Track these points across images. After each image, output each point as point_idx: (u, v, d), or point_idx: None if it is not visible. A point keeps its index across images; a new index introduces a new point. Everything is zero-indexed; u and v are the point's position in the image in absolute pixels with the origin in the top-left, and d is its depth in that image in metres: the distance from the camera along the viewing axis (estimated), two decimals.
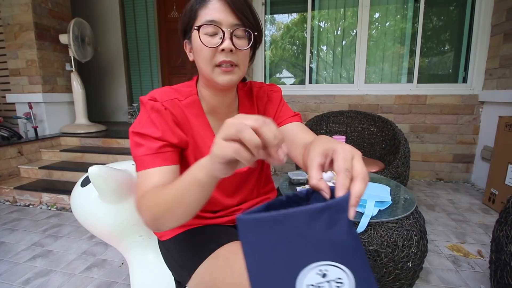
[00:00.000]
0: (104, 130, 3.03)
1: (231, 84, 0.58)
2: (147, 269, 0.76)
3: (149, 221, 0.49)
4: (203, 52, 0.55)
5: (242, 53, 0.57)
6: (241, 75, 0.59)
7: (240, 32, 0.56)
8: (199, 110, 0.64)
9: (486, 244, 1.50)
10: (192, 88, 0.65)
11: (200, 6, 0.55)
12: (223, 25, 0.54)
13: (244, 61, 0.58)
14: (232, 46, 0.54)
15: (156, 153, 0.54)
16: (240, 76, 0.59)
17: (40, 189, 2.14)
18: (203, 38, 0.55)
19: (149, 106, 0.58)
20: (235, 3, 0.54)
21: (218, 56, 0.55)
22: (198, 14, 0.56)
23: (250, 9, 0.57)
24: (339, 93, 2.71)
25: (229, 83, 0.57)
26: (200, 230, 0.67)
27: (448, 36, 2.62)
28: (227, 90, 0.62)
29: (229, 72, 0.56)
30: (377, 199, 0.97)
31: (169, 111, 0.59)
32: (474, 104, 2.45)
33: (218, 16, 0.54)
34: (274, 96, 0.72)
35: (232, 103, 0.68)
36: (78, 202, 0.76)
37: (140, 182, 0.54)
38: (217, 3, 0.54)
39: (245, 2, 0.56)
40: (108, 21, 3.71)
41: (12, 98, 2.81)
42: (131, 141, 0.57)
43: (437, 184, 2.52)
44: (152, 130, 0.56)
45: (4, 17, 2.65)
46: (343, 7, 2.76)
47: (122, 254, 0.84)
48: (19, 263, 1.39)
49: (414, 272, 0.93)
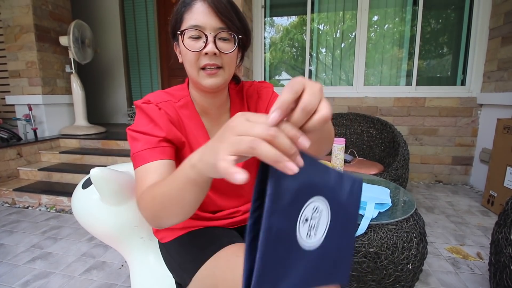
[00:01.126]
0: (103, 132, 3.03)
1: (217, 86, 0.58)
2: (148, 271, 0.76)
3: (149, 219, 0.49)
4: (188, 56, 0.56)
5: (227, 56, 0.57)
6: (227, 77, 0.60)
7: (224, 35, 0.56)
8: (193, 111, 0.65)
9: (485, 246, 1.50)
10: (185, 91, 0.66)
11: (186, 9, 0.56)
12: (206, 29, 0.54)
13: (229, 63, 0.59)
14: (216, 50, 0.55)
15: (154, 147, 0.55)
16: (226, 78, 0.60)
17: (39, 191, 2.14)
18: (187, 41, 0.56)
19: (145, 107, 0.59)
20: (218, 7, 0.54)
21: (202, 60, 0.56)
22: (183, 17, 0.56)
23: (235, 12, 0.57)
24: (338, 95, 2.72)
25: (214, 85, 0.58)
26: (201, 232, 0.67)
27: (447, 39, 2.64)
28: (215, 92, 0.62)
29: (214, 75, 0.57)
30: (377, 201, 0.97)
31: (164, 111, 0.60)
32: (472, 106, 2.46)
33: (201, 19, 0.54)
34: (264, 92, 0.71)
35: (224, 104, 0.68)
36: (79, 204, 0.77)
37: (139, 178, 0.53)
38: (201, 7, 0.54)
39: (230, 5, 0.56)
40: (108, 23, 3.72)
41: (11, 99, 2.81)
42: (129, 139, 0.58)
43: (436, 186, 2.53)
44: (150, 127, 0.56)
45: (5, 19, 2.65)
46: (342, 10, 2.78)
47: (122, 256, 0.84)
48: (18, 265, 1.39)
49: (414, 274, 0.93)
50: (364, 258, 0.87)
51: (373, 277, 0.89)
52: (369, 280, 0.90)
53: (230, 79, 0.64)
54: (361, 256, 0.87)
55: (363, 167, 1.81)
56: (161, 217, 0.47)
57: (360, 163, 1.89)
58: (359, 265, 0.88)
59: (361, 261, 0.88)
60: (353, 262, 0.88)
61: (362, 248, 0.87)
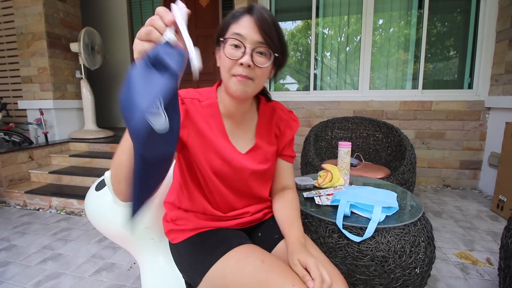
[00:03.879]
0: (111, 135, 3.08)
1: (244, 95, 0.62)
2: (158, 271, 0.78)
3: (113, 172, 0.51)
4: (225, 62, 0.61)
5: (260, 69, 0.61)
6: (255, 89, 0.64)
7: (262, 50, 0.60)
8: (216, 111, 0.69)
9: (495, 252, 1.48)
10: (213, 93, 0.70)
11: (233, 21, 0.61)
12: (247, 40, 0.59)
13: (260, 77, 0.63)
14: (251, 62, 0.59)
15: None
16: (254, 89, 0.63)
17: (50, 194, 2.18)
18: (227, 49, 0.60)
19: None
20: (263, 24, 0.59)
21: (237, 68, 0.60)
22: (229, 27, 0.61)
23: (277, 33, 0.61)
24: (343, 99, 2.72)
25: (241, 93, 0.62)
26: (211, 234, 0.69)
27: (453, 42, 2.63)
28: (241, 99, 0.66)
29: (243, 83, 0.61)
30: (384, 204, 0.97)
31: (186, 106, 0.64)
32: (480, 110, 2.44)
33: (244, 31, 0.59)
34: (293, 126, 0.79)
35: (248, 111, 0.73)
36: (92, 205, 0.79)
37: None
38: (247, 21, 0.59)
39: (274, 25, 0.60)
40: (117, 29, 3.81)
41: (23, 104, 2.89)
42: None
43: (444, 191, 2.50)
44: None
45: (18, 26, 2.74)
46: (347, 14, 2.79)
47: (133, 257, 0.86)
48: (30, 265, 1.42)
49: (421, 279, 0.93)
50: (372, 261, 0.87)
51: (381, 280, 0.89)
52: (376, 284, 0.90)
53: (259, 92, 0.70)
54: (368, 259, 0.87)
55: (369, 171, 1.80)
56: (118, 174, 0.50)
57: (366, 167, 1.89)
58: (366, 268, 0.88)
59: (368, 264, 0.88)
60: (359, 265, 0.88)
61: (369, 251, 0.87)
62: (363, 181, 1.36)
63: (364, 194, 1.04)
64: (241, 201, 0.73)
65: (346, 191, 1.09)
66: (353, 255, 0.88)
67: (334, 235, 0.91)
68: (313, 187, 1.22)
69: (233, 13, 0.62)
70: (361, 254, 0.87)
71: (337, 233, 0.91)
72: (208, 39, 3.56)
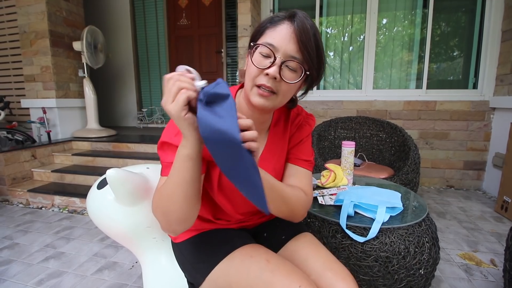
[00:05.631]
0: (114, 134, 3.09)
1: (263, 108, 0.57)
2: (160, 270, 0.78)
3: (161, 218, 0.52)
4: (251, 69, 0.56)
5: (286, 85, 0.55)
6: (277, 104, 0.58)
7: (293, 65, 0.54)
8: None
9: (499, 253, 1.47)
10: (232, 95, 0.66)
11: (271, 25, 0.55)
12: (279, 51, 0.53)
13: (285, 92, 0.57)
14: (277, 75, 0.53)
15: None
16: (276, 104, 0.58)
17: (52, 192, 2.19)
18: (256, 55, 0.55)
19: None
20: (302, 36, 0.52)
21: (261, 78, 0.55)
22: (265, 32, 0.56)
23: (317, 48, 0.55)
24: (347, 99, 2.71)
25: (260, 106, 0.56)
26: (214, 233, 0.68)
27: (458, 42, 2.61)
28: (260, 110, 0.60)
29: (264, 97, 0.55)
30: (388, 205, 0.96)
31: None
32: (485, 110, 2.42)
33: (279, 41, 0.53)
34: (306, 129, 0.71)
35: (266, 122, 0.67)
36: (94, 204, 0.79)
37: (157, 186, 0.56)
38: (285, 29, 0.53)
39: (315, 39, 0.54)
40: (119, 28, 3.82)
41: (26, 103, 2.90)
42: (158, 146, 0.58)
43: (447, 192, 2.49)
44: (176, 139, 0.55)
45: (21, 25, 2.75)
46: (350, 14, 2.78)
47: (135, 256, 0.86)
48: (33, 264, 1.42)
49: (426, 280, 0.92)
50: (375, 262, 0.86)
51: (384, 281, 0.88)
52: (380, 285, 0.89)
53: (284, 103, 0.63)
54: (372, 260, 0.87)
55: (373, 171, 1.79)
56: (169, 211, 0.50)
57: (369, 167, 1.88)
58: (370, 269, 0.87)
59: (372, 265, 0.87)
60: (363, 266, 0.87)
61: (373, 252, 0.86)
62: (367, 181, 1.35)
63: (368, 194, 1.03)
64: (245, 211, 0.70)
65: (349, 191, 1.08)
66: (357, 256, 0.87)
67: (338, 235, 0.90)
68: (316, 186, 1.21)
69: (272, 17, 0.56)
70: (365, 254, 0.86)
71: (340, 233, 0.90)
72: (210, 38, 3.56)
